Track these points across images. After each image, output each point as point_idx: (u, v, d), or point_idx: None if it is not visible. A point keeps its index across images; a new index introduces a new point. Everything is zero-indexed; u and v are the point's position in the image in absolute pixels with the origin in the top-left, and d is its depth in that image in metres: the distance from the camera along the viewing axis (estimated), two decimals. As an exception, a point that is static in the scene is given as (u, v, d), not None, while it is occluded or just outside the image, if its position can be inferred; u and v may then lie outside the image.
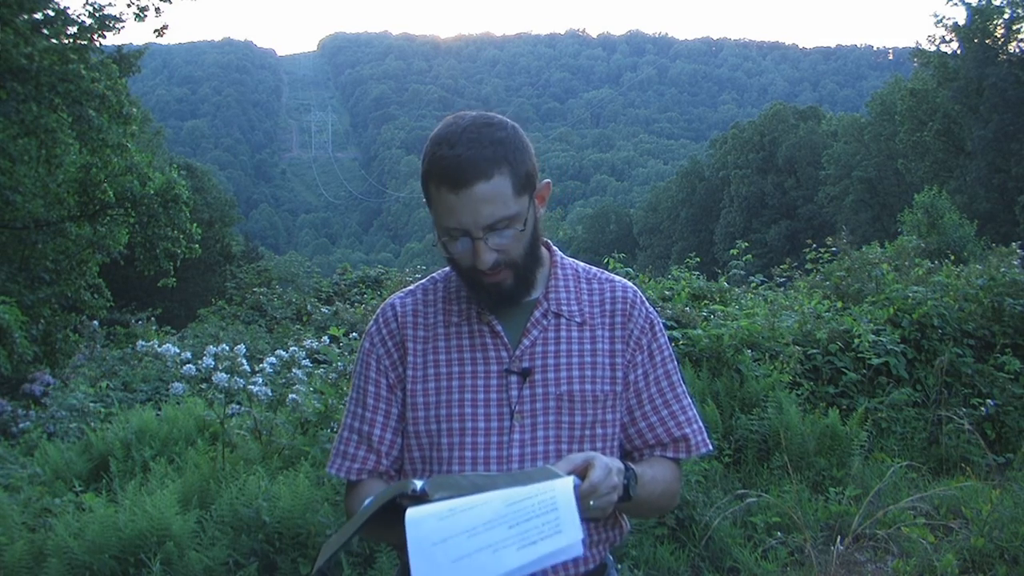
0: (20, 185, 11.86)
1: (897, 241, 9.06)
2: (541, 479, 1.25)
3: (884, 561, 3.74)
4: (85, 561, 3.10)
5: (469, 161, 1.38)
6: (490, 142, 1.40)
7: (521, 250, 1.46)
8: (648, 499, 1.50)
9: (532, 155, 1.47)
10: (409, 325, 1.56)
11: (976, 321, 5.92)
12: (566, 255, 1.66)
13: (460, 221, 1.40)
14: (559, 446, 1.50)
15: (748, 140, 53.83)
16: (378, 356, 1.57)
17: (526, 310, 1.54)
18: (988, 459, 4.88)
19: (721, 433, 4.53)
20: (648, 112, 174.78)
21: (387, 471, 1.57)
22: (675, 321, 5.53)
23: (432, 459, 1.51)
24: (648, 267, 8.70)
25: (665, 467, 1.58)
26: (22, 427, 5.62)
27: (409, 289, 1.64)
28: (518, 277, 1.48)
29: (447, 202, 1.39)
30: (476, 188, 1.38)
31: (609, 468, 1.33)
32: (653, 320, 1.62)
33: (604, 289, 1.60)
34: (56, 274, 12.91)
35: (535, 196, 1.49)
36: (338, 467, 1.58)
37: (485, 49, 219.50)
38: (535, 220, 1.49)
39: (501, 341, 1.52)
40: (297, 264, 23.29)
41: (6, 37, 10.36)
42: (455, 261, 1.48)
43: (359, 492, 1.55)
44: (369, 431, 1.56)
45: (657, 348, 1.60)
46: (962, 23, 35.98)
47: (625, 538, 1.64)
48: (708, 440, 1.64)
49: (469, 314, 1.54)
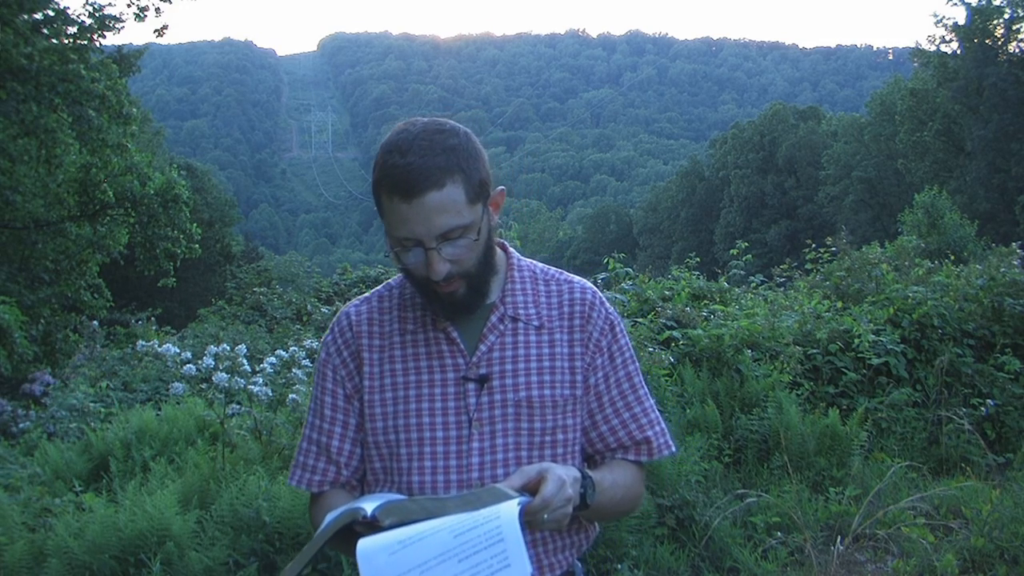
0: (20, 185, 11.87)
1: (897, 241, 9.06)
2: (490, 502, 1.24)
3: (884, 561, 3.74)
4: (85, 561, 3.10)
5: (421, 170, 1.34)
6: (442, 150, 1.36)
7: (475, 259, 1.43)
8: (608, 505, 1.48)
9: (486, 162, 1.44)
10: (364, 334, 1.54)
11: (976, 321, 5.92)
12: (523, 256, 1.63)
13: (412, 231, 1.37)
14: (519, 453, 1.47)
15: (748, 140, 53.83)
16: (334, 366, 1.55)
17: (483, 315, 1.51)
18: (988, 459, 4.88)
19: (721, 433, 4.53)
20: (648, 112, 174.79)
21: (348, 481, 1.56)
22: (675, 321, 5.52)
23: (392, 469, 1.49)
24: (648, 267, 8.69)
25: (626, 471, 1.56)
26: (22, 427, 5.61)
27: (365, 297, 1.61)
28: (472, 286, 1.45)
29: (399, 212, 1.36)
30: (428, 197, 1.34)
31: (563, 481, 1.31)
32: (614, 321, 1.58)
33: (563, 291, 1.57)
34: (56, 274, 12.92)
35: (489, 204, 1.45)
36: (298, 479, 1.57)
37: (485, 49, 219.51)
38: (489, 228, 1.46)
39: (457, 348, 1.49)
40: (297, 264, 23.30)
41: (6, 37, 10.36)
42: (409, 271, 1.44)
43: (322, 504, 1.53)
44: (328, 442, 1.54)
45: (618, 350, 1.57)
46: (962, 23, 36.02)
47: (592, 543, 1.62)
48: (671, 442, 1.61)
49: (425, 321, 1.52)
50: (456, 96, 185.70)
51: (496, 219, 1.51)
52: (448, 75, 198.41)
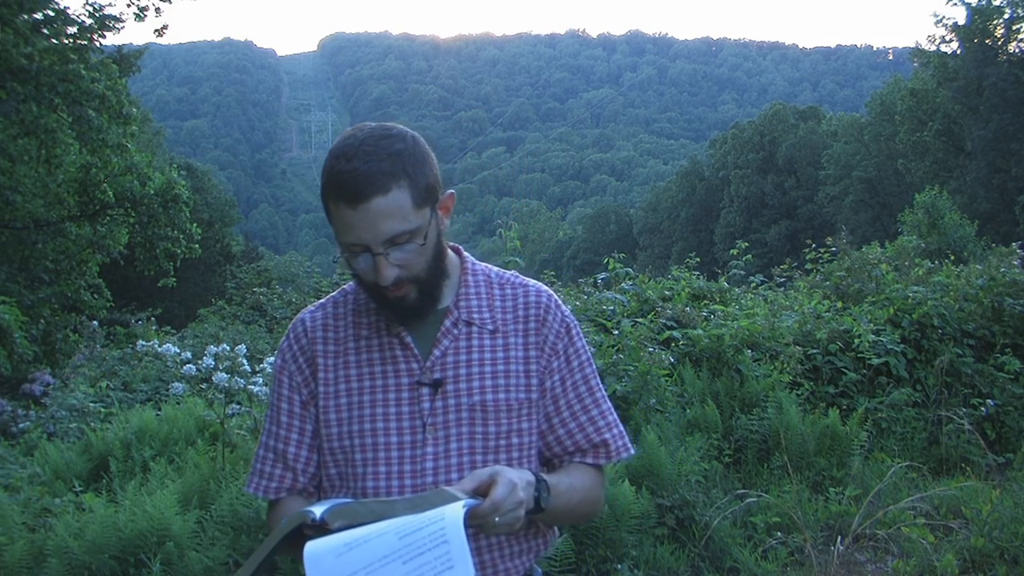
0: (20, 185, 11.87)
1: (897, 241, 9.05)
2: (437, 503, 1.25)
3: (884, 561, 3.74)
4: (85, 561, 3.10)
5: (365, 175, 1.34)
6: (388, 155, 1.36)
7: (424, 264, 1.43)
8: (565, 508, 1.47)
9: (434, 166, 1.43)
10: (319, 340, 1.53)
11: (976, 321, 5.92)
12: (478, 260, 1.62)
13: (359, 237, 1.37)
14: (473, 457, 1.47)
15: (748, 140, 53.83)
16: (290, 373, 1.54)
17: (436, 320, 1.51)
18: (988, 459, 4.88)
19: (721, 433, 4.53)
20: (648, 112, 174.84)
21: (305, 488, 1.55)
22: (675, 321, 5.52)
23: (348, 475, 1.49)
24: (648, 267, 8.70)
25: (584, 474, 1.55)
26: (22, 427, 5.61)
27: (320, 303, 1.61)
28: (422, 291, 1.45)
29: (345, 218, 1.36)
30: (373, 203, 1.34)
31: (513, 484, 1.30)
32: (570, 324, 1.58)
33: (517, 295, 1.56)
34: (56, 274, 12.92)
35: (438, 208, 1.45)
36: (255, 486, 1.56)
37: (485, 49, 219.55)
38: (438, 232, 1.46)
39: (411, 353, 1.49)
40: (297, 264, 23.29)
41: (6, 37, 10.36)
42: (359, 276, 1.44)
43: (279, 511, 1.54)
44: (284, 449, 1.53)
45: (574, 353, 1.57)
46: (962, 23, 36.01)
47: (551, 547, 1.62)
48: (629, 444, 1.60)
49: (378, 327, 1.51)
50: (456, 96, 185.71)
51: (446, 223, 1.51)
52: (448, 75, 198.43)
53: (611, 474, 3.66)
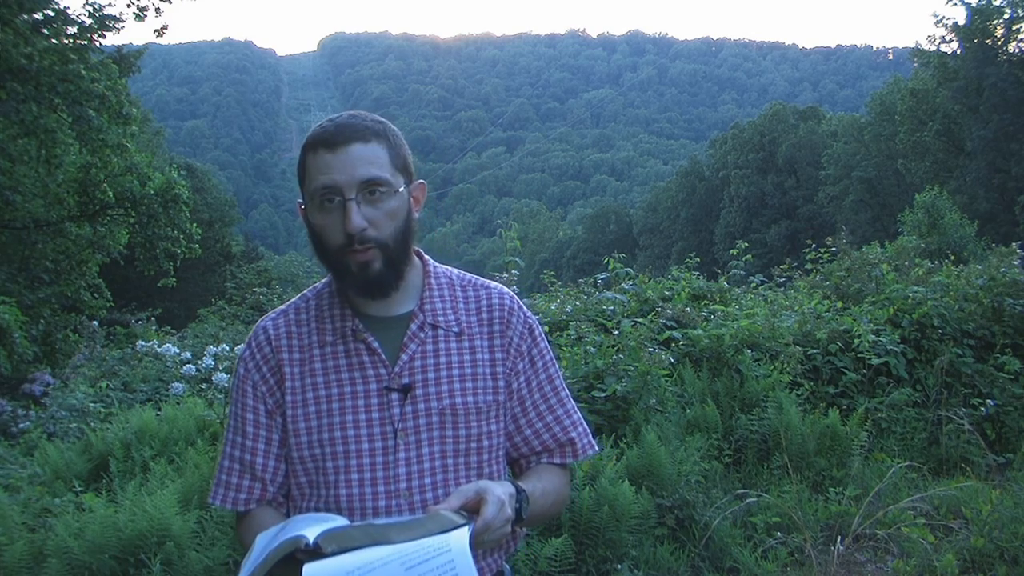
0: (20, 185, 11.88)
1: (897, 241, 9.04)
2: (435, 529, 1.24)
3: (884, 561, 3.74)
4: (85, 561, 3.10)
5: (348, 126, 1.42)
6: (371, 120, 1.45)
7: (392, 230, 1.43)
8: (539, 513, 1.50)
9: (409, 152, 1.51)
10: (284, 348, 1.51)
11: (976, 321, 5.92)
12: (440, 263, 1.62)
13: (334, 179, 1.39)
14: (444, 461, 1.47)
15: (748, 140, 53.85)
16: (254, 382, 1.52)
17: (402, 324, 1.50)
18: (988, 459, 4.88)
19: (721, 433, 4.53)
20: (648, 112, 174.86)
21: (275, 498, 1.54)
22: (675, 321, 5.52)
23: (319, 483, 1.48)
24: (648, 267, 8.68)
25: (553, 476, 1.58)
26: (22, 427, 5.61)
27: (281, 309, 1.59)
28: (387, 262, 1.43)
29: (322, 161, 1.40)
30: (353, 147, 1.40)
31: (502, 501, 1.32)
32: (532, 325, 1.59)
33: (480, 296, 1.57)
34: (56, 274, 12.93)
35: (411, 193, 1.49)
36: (222, 498, 1.53)
37: (485, 49, 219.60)
38: (409, 209, 1.48)
39: (379, 358, 1.47)
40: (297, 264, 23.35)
41: (6, 37, 10.36)
42: (322, 239, 1.43)
43: (250, 523, 1.51)
44: (252, 460, 1.51)
45: (538, 353, 1.58)
46: (962, 23, 36.02)
47: (520, 545, 1.63)
48: (593, 442, 1.63)
49: (344, 332, 1.50)
50: (456, 96, 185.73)
51: (418, 214, 1.52)
52: (448, 75, 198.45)
53: (611, 474, 3.66)
